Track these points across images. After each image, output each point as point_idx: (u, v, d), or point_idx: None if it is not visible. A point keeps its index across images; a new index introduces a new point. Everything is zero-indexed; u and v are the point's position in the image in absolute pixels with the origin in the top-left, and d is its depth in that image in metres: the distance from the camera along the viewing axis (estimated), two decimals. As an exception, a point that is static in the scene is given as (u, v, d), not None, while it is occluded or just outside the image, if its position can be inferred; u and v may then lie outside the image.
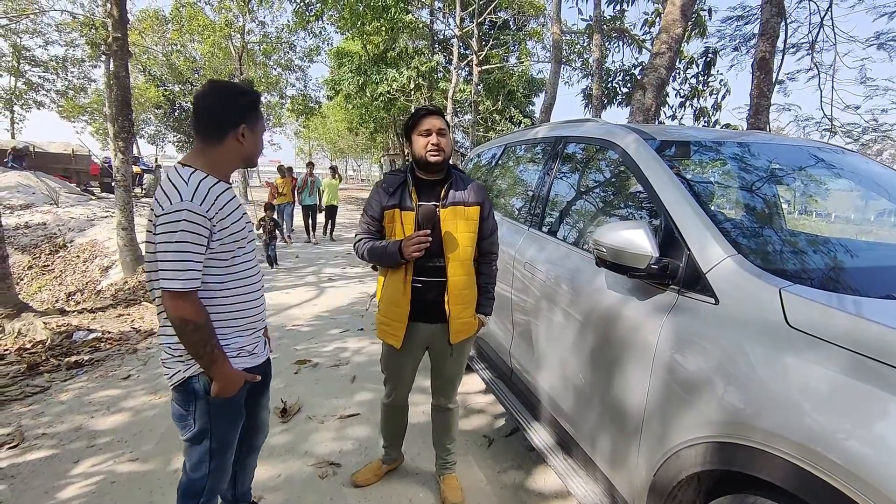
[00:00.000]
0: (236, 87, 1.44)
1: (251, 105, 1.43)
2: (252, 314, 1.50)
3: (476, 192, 1.92)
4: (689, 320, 1.36)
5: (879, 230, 2.42)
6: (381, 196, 1.88)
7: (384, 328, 1.95)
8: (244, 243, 1.45)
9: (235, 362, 1.45)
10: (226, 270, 1.40)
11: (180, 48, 20.90)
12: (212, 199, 1.31)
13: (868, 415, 0.92)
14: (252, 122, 1.43)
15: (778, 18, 6.48)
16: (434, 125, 1.82)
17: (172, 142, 33.45)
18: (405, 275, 1.85)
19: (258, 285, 1.54)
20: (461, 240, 1.86)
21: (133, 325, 4.50)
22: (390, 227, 1.88)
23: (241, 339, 1.47)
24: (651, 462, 1.40)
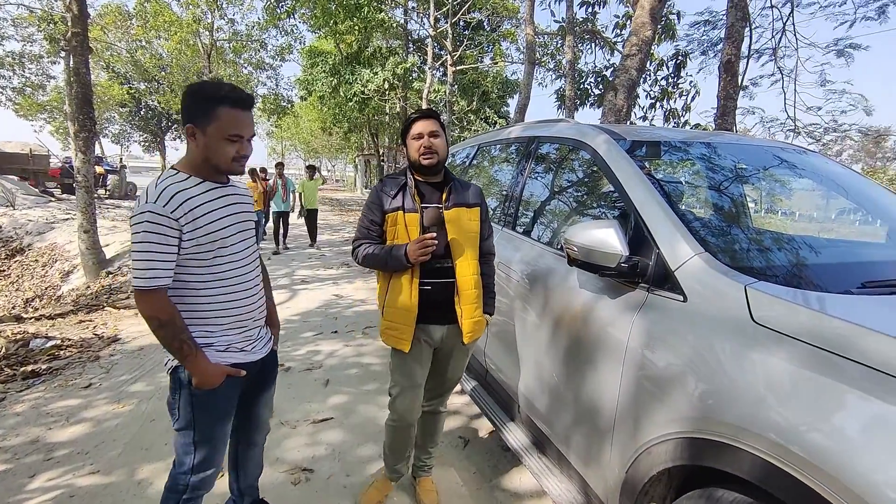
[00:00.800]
0: (190, 87, 1.37)
1: (196, 105, 1.33)
2: (240, 313, 1.48)
3: (475, 194, 1.92)
4: (659, 318, 1.38)
5: (840, 228, 2.51)
6: (382, 199, 1.84)
7: (391, 333, 1.86)
8: (227, 243, 1.42)
9: (223, 358, 1.45)
10: (207, 270, 1.39)
11: (145, 45, 20.27)
12: (179, 201, 1.30)
13: (828, 408, 0.95)
14: (200, 123, 1.33)
15: (743, 23, 6.69)
16: (425, 128, 1.80)
17: (138, 141, 32.48)
18: (412, 277, 1.80)
19: (249, 285, 1.51)
20: (466, 240, 1.84)
21: (95, 331, 4.33)
22: (392, 231, 1.83)
23: (229, 336, 1.47)
24: (623, 459, 1.41)
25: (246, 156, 1.42)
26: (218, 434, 1.52)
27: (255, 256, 1.58)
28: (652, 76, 11.26)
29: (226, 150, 1.36)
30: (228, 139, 1.35)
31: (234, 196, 1.48)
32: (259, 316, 1.58)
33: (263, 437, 1.81)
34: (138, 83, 24.38)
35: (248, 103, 1.39)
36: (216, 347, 1.45)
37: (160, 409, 2.88)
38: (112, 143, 33.47)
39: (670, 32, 10.92)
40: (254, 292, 1.53)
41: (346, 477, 2.30)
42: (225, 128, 1.33)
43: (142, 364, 3.57)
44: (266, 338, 1.65)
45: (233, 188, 1.50)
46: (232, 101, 1.33)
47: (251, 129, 1.41)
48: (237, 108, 1.34)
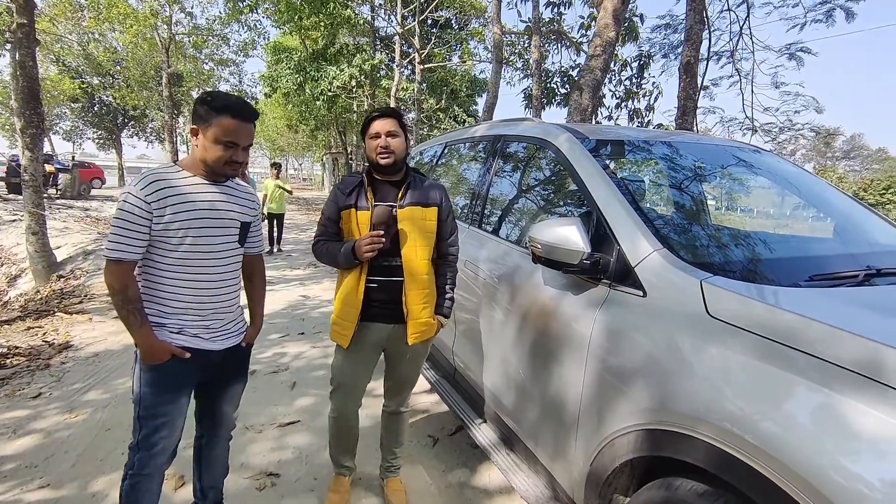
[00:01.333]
0: (201, 95, 1.53)
1: (203, 110, 1.50)
2: (199, 299, 1.57)
3: (434, 194, 1.91)
4: (620, 313, 1.41)
5: (793, 224, 2.63)
6: (338, 197, 1.87)
7: (335, 328, 1.90)
8: (197, 234, 1.52)
9: (176, 339, 1.54)
10: (172, 254, 1.51)
11: (98, 37, 19.35)
12: (155, 188, 1.45)
13: (779, 397, 0.98)
14: (203, 127, 1.50)
15: (701, 25, 6.91)
16: (383, 127, 1.80)
17: (92, 138, 31.03)
18: (359, 274, 1.83)
19: (215, 277, 1.59)
20: (418, 240, 1.84)
21: (45, 338, 4.10)
22: (347, 228, 1.86)
23: (183, 319, 1.56)
24: (588, 452, 1.43)
25: (239, 162, 1.55)
26: (161, 414, 1.56)
27: (232, 254, 1.65)
28: (616, 77, 11.53)
29: (220, 154, 1.50)
30: (224, 145, 1.49)
31: (225, 195, 1.60)
32: (223, 309, 1.64)
33: (227, 433, 1.85)
34: (91, 77, 23.24)
35: (249, 115, 1.53)
36: (169, 328, 1.54)
37: (116, 418, 2.76)
38: (64, 140, 31.85)
39: (633, 34, 11.19)
40: (219, 285, 1.61)
41: (314, 480, 2.26)
42: (221, 134, 1.48)
43: (96, 371, 3.41)
44: (234, 332, 1.70)
45: (228, 188, 1.63)
46: (232, 112, 1.48)
47: (248, 139, 1.55)
48: (237, 119, 1.49)
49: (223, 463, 1.88)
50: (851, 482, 0.82)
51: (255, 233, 1.78)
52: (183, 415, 1.63)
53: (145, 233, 1.46)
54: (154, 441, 1.56)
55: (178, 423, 1.62)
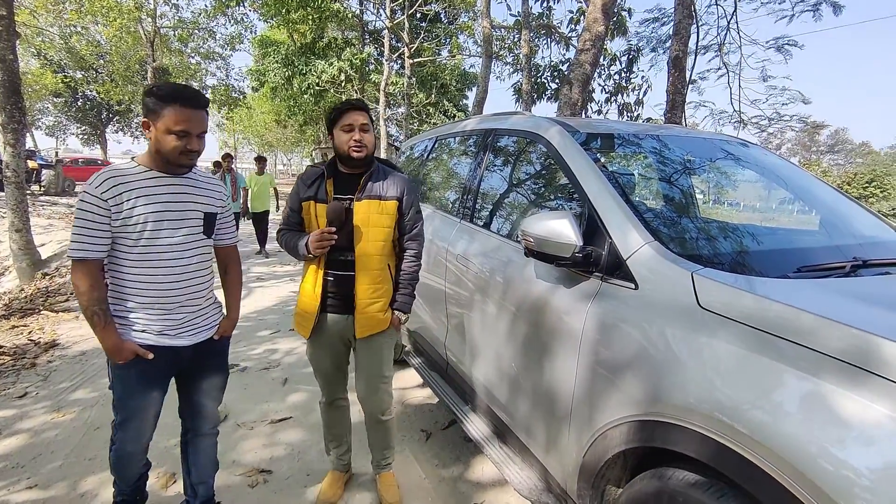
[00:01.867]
0: (147, 87, 1.57)
1: (151, 102, 1.48)
2: (161, 296, 1.57)
3: (396, 187, 1.89)
4: (612, 305, 1.41)
5: (780, 217, 2.66)
6: (300, 188, 1.89)
7: (297, 319, 1.97)
8: (155, 227, 1.52)
9: (140, 338, 1.56)
10: (133, 250, 1.51)
11: (81, 30, 18.96)
12: (110, 185, 1.46)
13: (769, 386, 1.00)
14: (153, 119, 1.48)
15: (689, 20, 6.95)
16: (357, 120, 1.79)
17: (76, 134, 30.49)
18: (318, 268, 1.87)
19: (178, 271, 1.59)
20: (373, 234, 1.84)
21: (31, 337, 4.03)
22: (307, 219, 1.88)
23: (147, 317, 1.57)
24: (580, 444, 1.44)
25: (194, 150, 1.53)
26: (133, 406, 1.62)
27: (196, 246, 1.64)
28: (606, 71, 11.55)
29: (174, 145, 1.48)
30: (176, 134, 1.47)
31: (186, 187, 1.60)
32: (189, 302, 1.64)
33: (212, 428, 1.86)
34: (74, 72, 22.81)
35: (198, 103, 1.51)
36: (133, 327, 1.56)
37: (104, 417, 2.72)
38: (46, 135, 31.26)
39: (622, 29, 11.22)
40: (183, 279, 1.61)
41: (307, 476, 2.26)
42: (172, 124, 1.46)
43: (83, 370, 3.37)
44: (204, 326, 1.70)
45: (190, 179, 1.62)
46: (181, 101, 1.46)
47: (200, 126, 1.52)
48: (186, 107, 1.47)
49: (211, 458, 1.89)
50: (840, 469, 0.84)
51: (224, 224, 1.78)
52: (155, 406, 1.67)
53: (106, 230, 1.48)
54: (128, 427, 1.65)
55: (150, 413, 1.66)
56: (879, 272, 1.40)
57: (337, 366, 2.03)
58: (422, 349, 2.88)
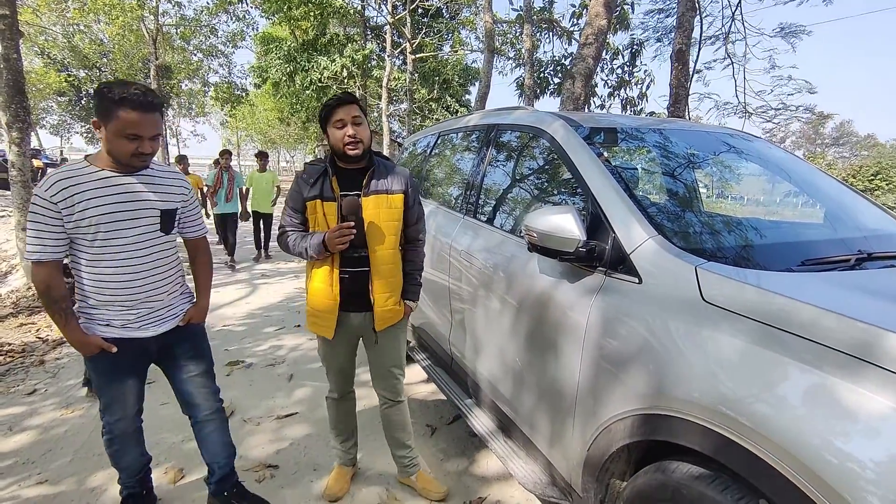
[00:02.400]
0: (97, 87, 1.50)
1: (101, 104, 1.47)
2: (122, 291, 1.60)
3: (400, 180, 1.89)
4: (616, 299, 1.42)
5: (783, 210, 2.65)
6: (302, 187, 1.84)
7: (314, 320, 1.92)
8: (110, 227, 1.54)
9: (103, 331, 1.61)
10: (90, 249, 1.54)
11: (84, 29, 18.98)
12: (59, 188, 1.46)
13: (772, 379, 1.00)
14: (103, 120, 1.47)
15: (692, 13, 6.90)
16: (348, 115, 1.76)
17: (80, 132, 30.59)
18: (332, 266, 1.83)
19: (136, 267, 1.61)
20: (384, 229, 1.84)
21: (39, 334, 4.07)
22: (313, 219, 1.85)
23: (108, 312, 1.61)
24: (584, 438, 1.45)
25: (146, 153, 1.54)
26: (109, 393, 1.70)
27: (153, 243, 1.65)
28: (609, 65, 11.48)
29: (125, 147, 1.49)
30: (126, 137, 1.47)
31: (141, 185, 1.60)
32: (151, 297, 1.66)
33: (208, 413, 1.89)
34: (77, 70, 22.84)
35: (150, 105, 1.49)
36: (98, 322, 1.61)
37: (113, 413, 2.75)
38: (51, 134, 31.39)
39: (625, 22, 11.14)
40: (142, 275, 1.63)
41: (313, 471, 2.28)
42: (123, 127, 1.45)
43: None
44: (168, 317, 1.73)
45: (146, 177, 1.62)
46: (132, 104, 1.44)
47: (152, 129, 1.51)
48: (137, 111, 1.45)
49: (219, 442, 1.94)
50: (844, 461, 0.84)
51: (188, 217, 1.80)
52: (133, 392, 1.74)
53: (59, 232, 1.50)
54: (112, 411, 1.72)
55: (129, 399, 1.73)
56: (885, 265, 1.39)
57: (350, 361, 2.05)
58: (426, 345, 2.89)
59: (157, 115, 1.53)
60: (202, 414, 1.88)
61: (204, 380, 1.86)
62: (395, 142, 15.64)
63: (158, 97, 1.55)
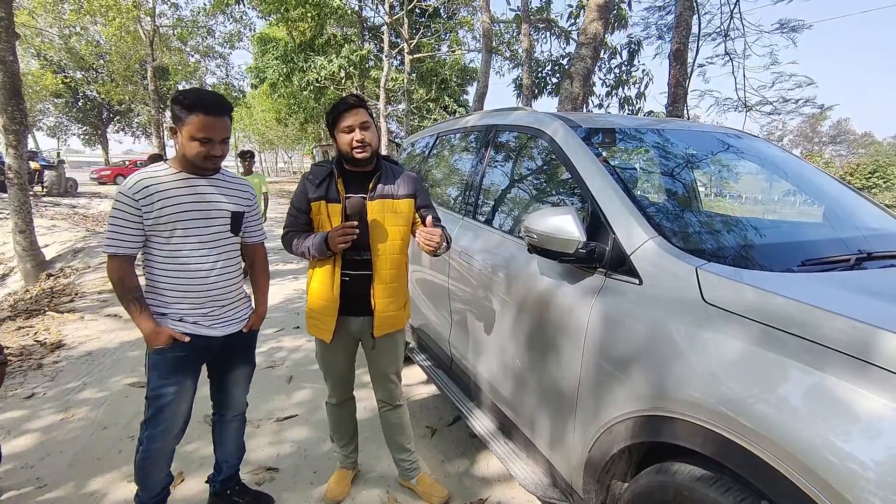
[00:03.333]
0: (174, 95, 1.60)
1: (176, 110, 1.57)
2: (194, 288, 1.66)
3: (407, 185, 1.89)
4: (616, 301, 1.42)
5: (783, 209, 2.65)
6: (307, 188, 1.85)
7: (313, 322, 1.92)
8: (184, 226, 1.62)
9: (177, 327, 1.66)
10: (165, 246, 1.62)
11: (80, 30, 18.93)
12: (141, 187, 1.56)
13: (774, 380, 1.00)
14: (179, 126, 1.57)
15: (690, 12, 6.90)
16: (356, 120, 1.76)
17: (77, 134, 30.55)
18: (333, 268, 1.83)
19: (205, 266, 1.67)
20: (389, 233, 1.84)
21: (37, 337, 4.06)
22: (317, 220, 1.85)
23: (181, 308, 1.67)
24: (586, 439, 1.45)
25: (216, 156, 1.62)
26: (164, 395, 1.67)
27: (224, 244, 1.73)
28: (607, 64, 11.48)
29: (197, 150, 1.58)
30: (199, 141, 1.56)
31: (214, 188, 1.69)
32: (220, 296, 1.73)
33: (238, 414, 1.97)
34: (74, 72, 22.81)
35: (221, 110, 1.58)
36: (171, 317, 1.66)
37: (112, 416, 2.75)
38: (48, 136, 31.30)
39: (622, 21, 11.14)
40: (213, 274, 1.69)
41: (313, 474, 2.27)
42: (195, 131, 1.55)
43: (90, 370, 3.39)
44: (235, 318, 1.80)
45: (217, 181, 1.71)
46: (205, 109, 1.54)
47: (223, 133, 1.61)
48: (209, 115, 1.55)
49: (235, 442, 2.00)
50: (845, 462, 0.84)
51: (251, 222, 1.86)
52: (188, 398, 1.75)
53: (138, 229, 1.58)
54: (160, 419, 1.69)
55: (183, 404, 1.73)
56: (885, 265, 1.39)
57: (349, 365, 2.05)
58: (426, 346, 2.89)
59: (227, 120, 1.62)
60: (232, 414, 1.95)
61: (245, 384, 1.95)
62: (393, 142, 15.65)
63: (228, 102, 1.65)
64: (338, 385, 2.06)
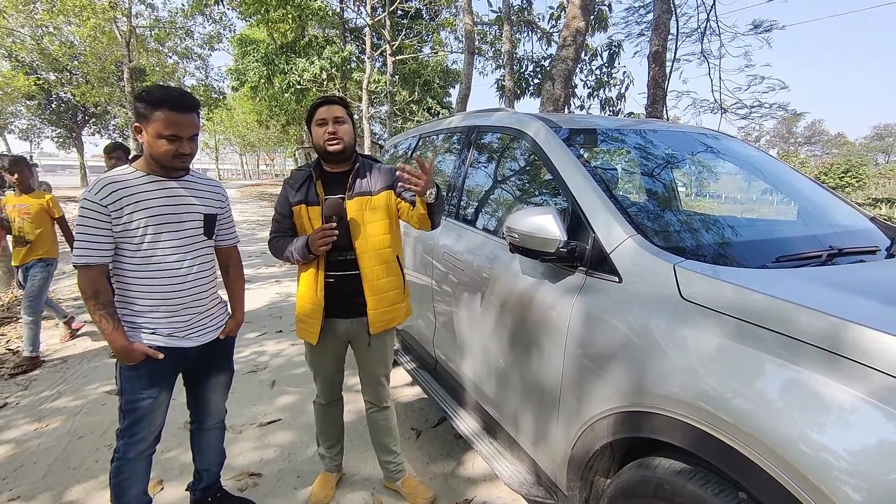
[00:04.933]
0: (137, 92, 1.59)
1: (141, 107, 1.50)
2: (168, 295, 1.60)
3: (383, 178, 1.88)
4: (597, 299, 1.43)
5: (759, 208, 2.71)
6: (288, 193, 1.85)
7: (300, 325, 1.92)
8: (156, 231, 1.55)
9: (150, 340, 1.59)
10: (135, 252, 1.54)
11: (54, 31, 18.48)
12: (109, 191, 1.48)
13: (749, 374, 1.02)
14: (144, 124, 1.51)
15: (668, 14, 7.02)
16: (330, 114, 1.77)
17: (51, 137, 29.77)
18: (317, 270, 1.83)
19: (181, 272, 1.61)
20: (371, 230, 1.83)
21: (9, 346, 3.95)
22: (300, 224, 1.85)
23: (155, 319, 1.60)
24: (569, 437, 1.46)
25: (185, 154, 1.56)
26: (141, 408, 1.61)
27: (198, 247, 1.66)
28: (588, 66, 11.61)
29: (165, 149, 1.51)
30: (167, 139, 1.50)
31: (184, 189, 1.63)
32: (195, 303, 1.67)
33: (217, 422, 1.93)
34: (47, 73, 22.25)
35: (188, 105, 1.52)
36: (144, 330, 1.59)
37: (88, 425, 2.68)
38: (20, 139, 30.45)
39: (603, 23, 11.28)
40: (187, 279, 1.63)
41: (297, 478, 2.25)
42: (162, 128, 1.48)
43: (65, 378, 3.30)
44: (210, 326, 1.74)
45: (188, 182, 1.65)
46: (171, 105, 1.48)
47: (191, 129, 1.54)
48: (175, 111, 1.49)
49: (216, 449, 1.96)
50: (819, 452, 0.86)
51: (224, 224, 1.82)
52: (163, 407, 1.69)
53: (108, 236, 1.51)
54: (135, 430, 1.64)
55: (158, 415, 1.68)
56: (854, 260, 1.44)
57: (338, 367, 2.04)
58: (410, 347, 2.88)
59: (195, 116, 1.56)
60: (212, 422, 1.91)
61: (224, 390, 1.91)
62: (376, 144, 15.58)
63: (195, 98, 1.58)
64: (327, 386, 2.05)
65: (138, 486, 1.70)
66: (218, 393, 1.88)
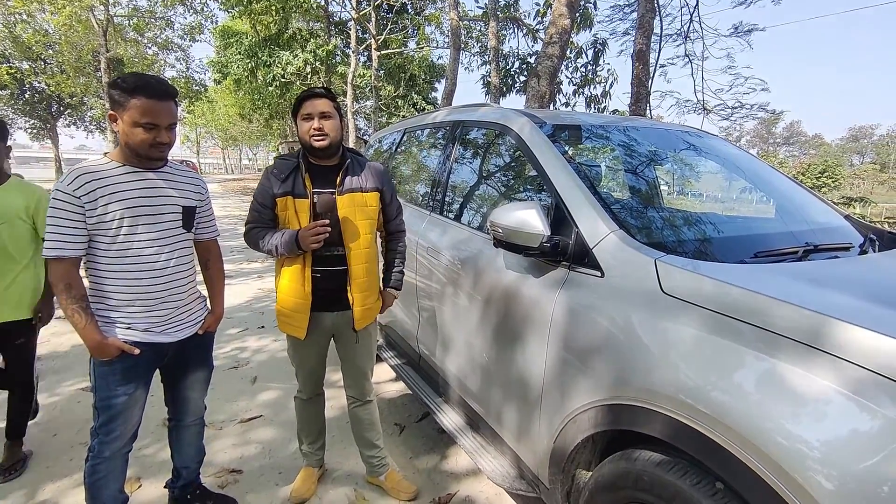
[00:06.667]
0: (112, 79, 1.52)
1: (116, 95, 1.45)
2: (144, 290, 1.55)
3: (374, 178, 1.88)
4: (580, 293, 1.44)
5: (739, 205, 2.76)
6: (272, 182, 1.78)
7: (285, 320, 1.87)
8: (132, 223, 1.50)
9: (126, 335, 1.54)
10: (111, 245, 1.49)
11: (27, 18, 17.91)
12: (82, 182, 1.43)
13: (728, 367, 1.03)
14: (119, 112, 1.45)
15: (652, 14, 7.09)
16: (316, 108, 1.73)
17: (24, 128, 28.90)
18: (304, 265, 1.78)
19: (158, 266, 1.57)
20: (360, 227, 1.82)
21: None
22: (284, 216, 1.79)
23: (131, 312, 1.55)
24: (551, 430, 1.47)
25: (163, 143, 1.51)
26: (116, 405, 1.57)
27: (176, 241, 1.62)
28: (573, 63, 11.67)
29: (142, 137, 1.46)
30: (143, 127, 1.45)
31: (162, 181, 1.58)
32: (172, 298, 1.62)
33: (196, 419, 1.89)
34: (20, 62, 21.56)
35: (165, 93, 1.47)
36: (118, 325, 1.54)
37: (62, 422, 2.62)
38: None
39: (588, 21, 11.34)
40: (164, 274, 1.59)
41: (279, 474, 2.22)
42: (139, 116, 1.43)
43: (39, 374, 3.21)
44: (188, 322, 1.70)
45: (166, 173, 1.60)
46: (146, 92, 1.43)
47: (169, 118, 1.49)
48: (152, 99, 1.44)
49: (195, 446, 1.92)
50: (793, 443, 0.88)
51: (204, 217, 1.77)
52: (139, 404, 1.65)
53: (81, 228, 1.45)
54: (111, 428, 1.59)
55: (134, 412, 1.64)
56: (829, 256, 1.47)
57: (320, 361, 2.02)
58: (394, 343, 2.87)
59: (172, 105, 1.51)
60: (189, 419, 1.87)
61: (203, 387, 1.87)
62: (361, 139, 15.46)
63: (173, 86, 1.53)
64: (309, 380, 2.04)
65: (114, 484, 1.66)
66: (196, 390, 1.84)
